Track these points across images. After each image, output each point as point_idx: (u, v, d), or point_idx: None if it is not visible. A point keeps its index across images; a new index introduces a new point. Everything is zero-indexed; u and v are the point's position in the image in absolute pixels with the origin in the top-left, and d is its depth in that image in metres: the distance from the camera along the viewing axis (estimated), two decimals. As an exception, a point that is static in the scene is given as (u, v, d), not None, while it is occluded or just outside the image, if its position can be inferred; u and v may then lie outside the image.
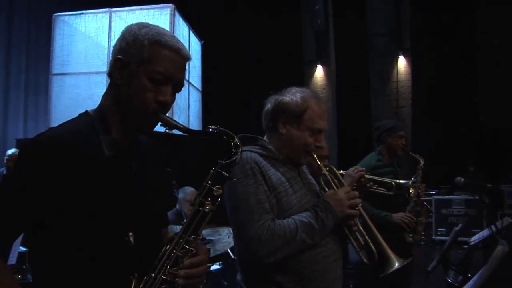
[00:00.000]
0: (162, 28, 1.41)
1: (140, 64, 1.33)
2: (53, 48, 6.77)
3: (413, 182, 3.47)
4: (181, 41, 1.42)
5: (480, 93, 8.09)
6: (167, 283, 1.31)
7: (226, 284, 4.06)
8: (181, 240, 1.33)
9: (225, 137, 1.38)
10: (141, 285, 1.30)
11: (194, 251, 1.36)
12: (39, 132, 1.34)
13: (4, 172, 6.43)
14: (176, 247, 1.32)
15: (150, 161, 1.51)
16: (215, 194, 1.34)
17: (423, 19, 8.65)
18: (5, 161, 6.44)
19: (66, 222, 1.26)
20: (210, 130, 1.37)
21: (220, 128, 1.38)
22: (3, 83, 7.68)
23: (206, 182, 1.35)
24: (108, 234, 1.31)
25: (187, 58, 1.41)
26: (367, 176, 3.11)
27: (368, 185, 3.12)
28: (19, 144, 6.59)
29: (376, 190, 3.28)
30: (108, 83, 1.45)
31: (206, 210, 1.33)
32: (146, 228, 1.41)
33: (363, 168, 3.05)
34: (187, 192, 4.91)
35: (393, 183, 3.33)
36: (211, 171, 1.36)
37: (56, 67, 6.76)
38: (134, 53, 1.34)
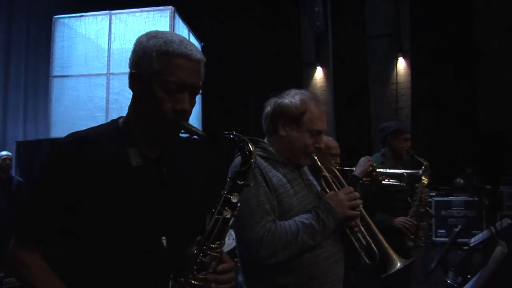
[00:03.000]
0: (171, 34, 1.41)
1: (153, 76, 1.34)
2: (53, 50, 6.77)
3: (423, 171, 3.42)
4: (192, 44, 1.42)
5: (480, 95, 8.10)
6: (196, 287, 1.34)
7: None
8: (205, 247, 1.35)
9: (241, 144, 1.39)
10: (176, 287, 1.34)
11: (219, 256, 1.38)
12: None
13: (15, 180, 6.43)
14: (202, 253, 1.35)
15: (187, 168, 1.55)
16: (234, 201, 1.37)
17: (422, 21, 8.65)
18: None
19: (97, 228, 1.30)
20: (225, 135, 1.39)
21: (235, 133, 1.39)
22: (2, 86, 7.70)
23: (223, 191, 1.38)
24: (141, 239, 1.34)
25: (199, 60, 1.42)
26: (378, 170, 3.11)
27: (380, 178, 3.12)
28: (19, 146, 6.60)
29: (389, 183, 3.25)
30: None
31: (228, 216, 1.36)
32: (179, 233, 1.45)
33: (371, 160, 3.06)
34: None
35: (405, 174, 3.29)
36: (228, 179, 1.41)
37: (56, 69, 6.75)
38: (145, 66, 1.36)
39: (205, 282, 1.34)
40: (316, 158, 2.11)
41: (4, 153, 6.56)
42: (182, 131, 1.39)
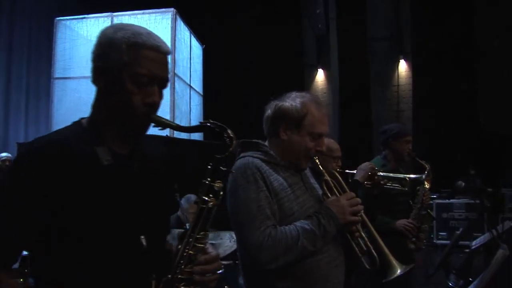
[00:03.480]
0: (137, 27, 1.37)
1: (122, 68, 1.30)
2: (55, 52, 6.80)
3: (426, 176, 3.41)
4: (158, 36, 1.38)
5: (481, 96, 8.09)
6: (185, 281, 1.32)
7: (227, 288, 4.05)
8: (191, 239, 1.33)
9: (217, 130, 1.36)
10: (160, 286, 1.31)
11: (205, 247, 1.37)
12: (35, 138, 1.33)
13: None
14: (188, 246, 1.33)
15: (154, 166, 1.49)
16: (216, 189, 1.34)
17: (423, 22, 8.66)
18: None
19: (74, 232, 1.25)
20: (202, 124, 1.36)
21: (212, 121, 1.36)
22: (4, 87, 7.70)
23: (205, 179, 1.34)
24: (120, 239, 1.31)
25: (167, 52, 1.38)
26: (380, 173, 3.11)
27: (382, 182, 3.12)
28: (20, 148, 6.61)
29: (391, 187, 3.24)
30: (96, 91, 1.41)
31: (210, 206, 1.33)
32: (156, 231, 1.43)
33: (373, 164, 3.05)
34: (192, 200, 4.76)
35: (407, 178, 3.29)
36: (209, 167, 1.35)
37: (58, 71, 6.78)
38: (114, 59, 1.31)
39: (192, 275, 1.32)
40: (317, 161, 2.11)
41: (3, 154, 6.57)
42: (153, 125, 1.36)
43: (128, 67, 1.30)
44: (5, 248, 1.25)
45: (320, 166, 2.10)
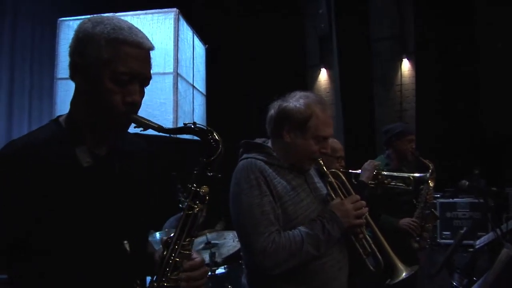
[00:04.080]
0: (117, 20, 1.30)
1: (101, 66, 1.23)
2: (58, 52, 6.79)
3: (430, 175, 3.41)
4: (140, 30, 1.32)
5: (485, 96, 8.06)
6: None
7: (230, 287, 4.05)
8: (176, 246, 1.28)
9: (201, 133, 1.31)
10: None
11: (191, 254, 1.33)
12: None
13: None
14: (173, 253, 1.28)
15: (138, 165, 1.43)
16: (202, 194, 1.29)
17: (427, 22, 8.63)
18: None
19: (56, 238, 1.20)
20: (186, 126, 1.30)
21: (196, 123, 1.31)
22: (7, 88, 7.71)
23: (191, 185, 1.30)
24: (103, 245, 1.26)
25: (150, 48, 1.32)
26: (384, 172, 3.11)
27: (386, 181, 3.12)
28: None
29: (395, 186, 3.24)
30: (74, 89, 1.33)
31: (196, 211, 1.28)
32: (139, 234, 1.38)
33: (378, 162, 3.05)
34: None
35: (411, 177, 3.29)
36: (194, 172, 1.30)
37: (61, 72, 6.78)
38: (92, 55, 1.24)
39: (178, 282, 1.28)
40: (321, 162, 2.09)
41: None
42: (134, 126, 1.30)
43: (108, 64, 1.23)
44: None
45: (324, 167, 2.09)
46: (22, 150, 1.22)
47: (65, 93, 6.75)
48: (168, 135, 1.37)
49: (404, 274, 2.08)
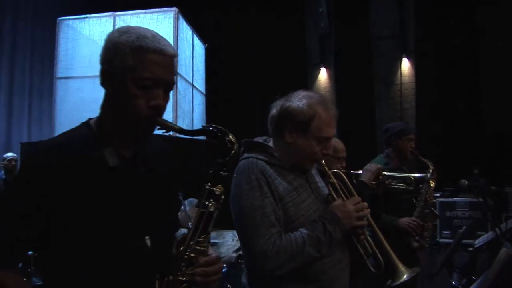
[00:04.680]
0: (143, 29, 1.37)
1: (126, 72, 1.31)
2: (57, 52, 6.81)
3: (431, 175, 3.40)
4: (164, 38, 1.39)
5: (484, 95, 8.06)
6: (186, 283, 1.33)
7: (230, 287, 4.06)
8: (191, 242, 1.34)
9: (219, 134, 1.37)
10: (163, 287, 1.33)
11: (207, 250, 1.38)
12: (42, 138, 1.35)
13: (3, 176, 6.50)
14: (189, 249, 1.34)
15: (161, 166, 1.52)
16: (217, 193, 1.35)
17: (427, 21, 8.63)
18: (2, 164, 6.52)
19: (81, 233, 1.28)
20: (205, 128, 1.37)
21: (214, 125, 1.37)
22: (7, 87, 7.73)
23: (206, 184, 1.36)
24: (125, 240, 1.33)
25: (173, 55, 1.38)
26: (385, 173, 3.10)
27: (387, 181, 3.11)
28: (24, 148, 6.64)
29: (396, 186, 3.24)
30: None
31: (211, 210, 1.34)
32: (160, 231, 1.44)
33: (382, 166, 3.04)
34: (194, 204, 4.67)
35: (412, 177, 3.28)
36: (210, 172, 1.37)
37: (60, 71, 6.79)
38: (118, 63, 1.32)
39: (193, 277, 1.34)
40: (323, 162, 2.07)
41: (9, 154, 6.61)
42: (158, 128, 1.38)
43: (133, 71, 1.31)
44: (12, 247, 1.28)
45: (326, 168, 2.08)
46: (50, 149, 1.33)
47: (64, 92, 6.76)
48: (188, 136, 1.44)
49: (405, 276, 2.07)
